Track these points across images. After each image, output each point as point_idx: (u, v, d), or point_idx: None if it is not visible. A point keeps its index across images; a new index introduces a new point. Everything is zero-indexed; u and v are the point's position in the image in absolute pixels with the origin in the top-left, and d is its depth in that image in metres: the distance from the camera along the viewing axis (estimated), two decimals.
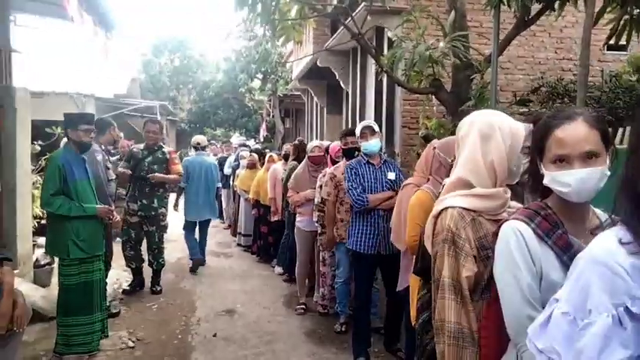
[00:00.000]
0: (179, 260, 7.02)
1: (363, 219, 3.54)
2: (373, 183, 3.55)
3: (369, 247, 3.51)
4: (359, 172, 3.57)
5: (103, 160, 4.45)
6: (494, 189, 1.44)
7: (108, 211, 3.68)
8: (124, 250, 5.25)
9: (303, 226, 4.70)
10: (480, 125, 1.47)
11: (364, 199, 3.46)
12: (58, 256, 3.55)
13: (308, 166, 4.73)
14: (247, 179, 7.59)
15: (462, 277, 1.43)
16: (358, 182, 3.53)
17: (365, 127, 3.61)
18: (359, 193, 3.48)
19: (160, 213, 5.26)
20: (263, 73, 18.96)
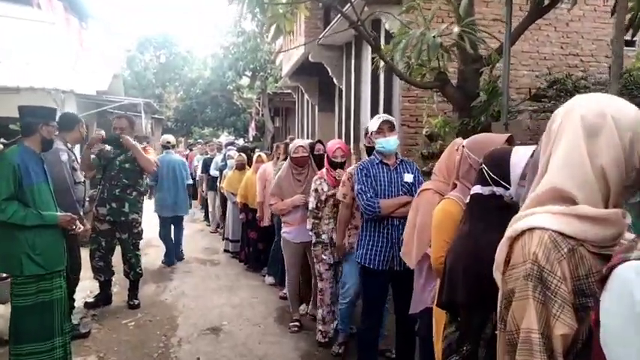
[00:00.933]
0: (161, 268, 6.48)
1: (374, 228, 3.06)
2: (387, 186, 3.06)
3: (380, 262, 3.02)
4: (370, 173, 3.08)
5: (69, 161, 3.92)
6: (609, 210, 0.97)
7: (71, 219, 3.16)
8: (92, 260, 4.70)
9: (291, 237, 4.12)
10: (583, 113, 0.99)
11: (375, 205, 2.97)
12: (9, 273, 3.01)
13: (291, 168, 4.17)
14: (235, 181, 7.07)
15: (554, 335, 0.96)
16: (369, 185, 3.04)
17: (384, 121, 3.10)
18: (369, 198, 2.98)
19: (132, 219, 4.71)
20: (252, 70, 18.42)
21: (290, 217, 4.10)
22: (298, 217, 4.01)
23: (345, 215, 3.47)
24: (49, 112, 3.19)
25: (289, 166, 4.17)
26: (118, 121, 4.69)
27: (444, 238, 2.10)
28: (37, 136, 3.08)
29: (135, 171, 4.69)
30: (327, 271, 3.77)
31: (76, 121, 4.18)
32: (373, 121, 3.17)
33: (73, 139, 4.17)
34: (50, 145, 3.20)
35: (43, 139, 3.10)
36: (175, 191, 6.69)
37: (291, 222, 4.11)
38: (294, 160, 4.12)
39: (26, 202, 2.96)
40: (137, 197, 4.76)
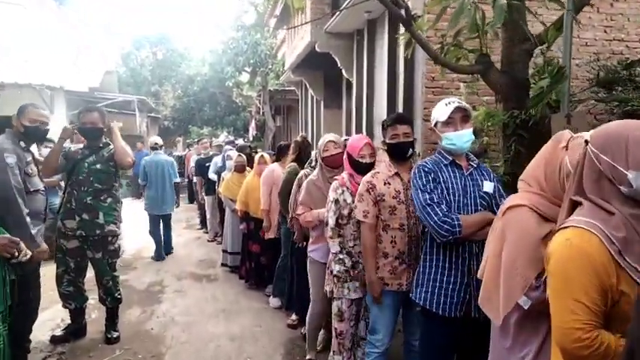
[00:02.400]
0: (149, 288, 5.63)
1: (444, 257, 2.23)
2: (461, 197, 2.23)
3: (452, 305, 2.18)
4: (439, 178, 2.25)
5: (21, 164, 3.07)
6: None
7: (8, 243, 2.29)
8: (59, 286, 3.85)
9: (319, 256, 3.26)
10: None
11: (455, 223, 2.11)
12: None
13: (324, 170, 3.30)
14: (234, 185, 6.22)
15: None
16: (440, 195, 2.21)
17: (457, 108, 2.24)
18: (445, 213, 2.14)
19: (109, 232, 3.84)
20: (252, 66, 17.56)
21: (318, 230, 3.23)
22: None
23: (371, 240, 2.61)
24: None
25: (321, 169, 3.31)
26: (88, 115, 3.81)
27: (584, 299, 1.26)
28: None
29: (109, 173, 3.84)
30: (349, 308, 2.88)
31: (24, 108, 3.28)
32: (439, 107, 2.30)
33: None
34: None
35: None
36: (163, 190, 7.15)
37: (318, 237, 3.24)
38: (324, 160, 3.26)
39: None
40: (113, 204, 3.89)
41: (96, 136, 3.84)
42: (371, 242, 2.61)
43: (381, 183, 2.61)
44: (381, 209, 2.59)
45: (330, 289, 2.86)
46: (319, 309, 3.28)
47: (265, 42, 16.94)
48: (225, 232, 6.47)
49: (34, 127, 3.27)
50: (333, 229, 2.83)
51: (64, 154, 3.80)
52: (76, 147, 3.92)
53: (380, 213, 2.60)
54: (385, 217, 2.59)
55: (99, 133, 3.84)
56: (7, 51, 12.25)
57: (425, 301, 2.24)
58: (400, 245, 2.57)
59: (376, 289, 2.59)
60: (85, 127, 3.77)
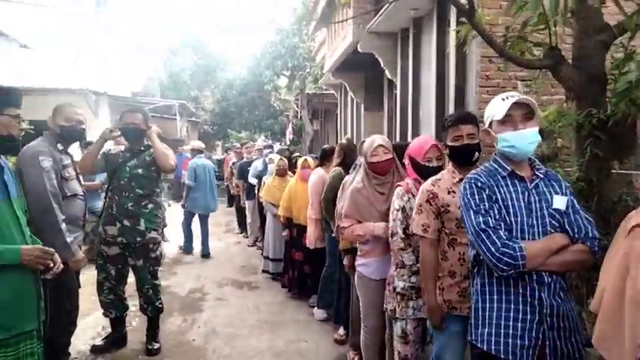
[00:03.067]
0: (190, 294, 5.49)
1: (507, 289, 1.82)
2: (525, 217, 1.81)
3: (521, 349, 1.76)
4: (496, 194, 1.85)
5: (57, 168, 2.94)
6: None
7: (41, 254, 2.14)
8: (100, 294, 3.74)
9: (369, 272, 2.91)
10: None
11: (517, 255, 1.72)
12: None
13: (370, 178, 2.94)
14: (275, 190, 6.03)
15: None
16: (497, 216, 1.81)
17: (516, 103, 1.81)
18: (504, 241, 1.74)
19: (150, 239, 3.69)
20: (290, 70, 17.48)
21: (369, 244, 2.92)
22: (381, 245, 2.84)
23: (432, 257, 2.28)
24: (3, 95, 2.17)
25: (367, 176, 2.95)
26: (131, 115, 3.69)
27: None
28: None
29: (150, 178, 3.70)
30: (415, 330, 2.55)
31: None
32: (495, 103, 1.91)
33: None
34: (12, 145, 2.21)
35: (7, 137, 2.11)
36: (207, 192, 7.63)
37: (369, 251, 2.93)
38: (372, 166, 2.89)
39: None
40: (155, 210, 3.75)
41: (137, 137, 3.70)
42: (432, 261, 2.27)
43: (443, 192, 2.27)
44: (446, 222, 2.26)
45: (392, 307, 2.57)
46: (373, 324, 2.97)
47: (304, 45, 16.83)
48: (267, 237, 6.28)
49: (70, 127, 3.14)
50: (404, 240, 2.50)
51: (104, 155, 3.69)
52: (117, 149, 3.81)
53: (444, 226, 2.27)
54: (451, 231, 2.25)
55: (141, 135, 3.70)
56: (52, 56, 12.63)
57: (486, 344, 1.82)
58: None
59: (437, 316, 2.26)
60: (127, 128, 3.64)
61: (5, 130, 2.10)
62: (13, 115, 2.13)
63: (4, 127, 2.09)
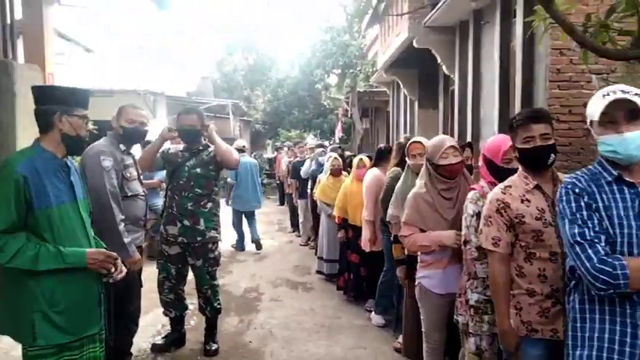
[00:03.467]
0: (245, 294, 5.49)
1: (608, 307, 1.59)
2: (634, 229, 1.57)
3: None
4: (597, 201, 1.63)
5: (118, 167, 2.95)
6: None
7: (104, 259, 2.12)
8: (161, 293, 3.76)
9: (433, 285, 2.69)
10: None
11: (617, 273, 1.50)
12: (18, 341, 2.03)
13: (435, 182, 2.68)
14: (330, 189, 5.93)
15: None
16: (598, 227, 1.59)
17: (618, 100, 1.57)
18: (602, 257, 1.53)
19: (210, 239, 3.68)
20: (341, 68, 17.32)
21: (433, 255, 2.71)
22: (447, 256, 2.64)
23: (503, 275, 2.05)
24: (74, 95, 2.16)
25: (431, 180, 2.71)
26: (186, 116, 3.66)
27: None
28: (55, 133, 2.09)
29: (209, 177, 3.68)
30: (490, 347, 2.32)
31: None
32: (594, 100, 1.66)
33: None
34: (79, 146, 2.21)
35: (64, 136, 2.10)
36: (251, 189, 7.89)
37: (433, 262, 2.71)
38: (441, 169, 2.66)
39: (40, 234, 1.98)
40: (213, 209, 3.74)
41: (194, 137, 3.69)
42: (503, 279, 2.04)
43: (516, 200, 2.03)
44: (520, 234, 2.02)
45: (465, 321, 2.37)
46: (435, 337, 2.77)
47: (355, 43, 16.62)
48: (321, 238, 6.19)
49: (133, 128, 3.15)
50: (480, 250, 2.27)
51: (163, 154, 3.71)
52: (175, 148, 3.82)
53: (518, 239, 2.03)
54: (528, 245, 2.01)
55: (197, 135, 3.69)
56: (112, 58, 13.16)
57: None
58: (553, 280, 1.97)
59: (511, 340, 2.04)
60: (183, 129, 3.64)
61: (74, 131, 2.10)
62: (81, 116, 2.13)
63: (73, 127, 2.09)
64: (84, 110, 2.15)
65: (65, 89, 2.16)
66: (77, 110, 2.11)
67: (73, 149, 2.16)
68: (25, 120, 3.29)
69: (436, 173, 2.69)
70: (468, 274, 2.35)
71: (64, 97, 2.10)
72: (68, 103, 2.09)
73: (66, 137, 2.09)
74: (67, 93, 2.12)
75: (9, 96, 3.24)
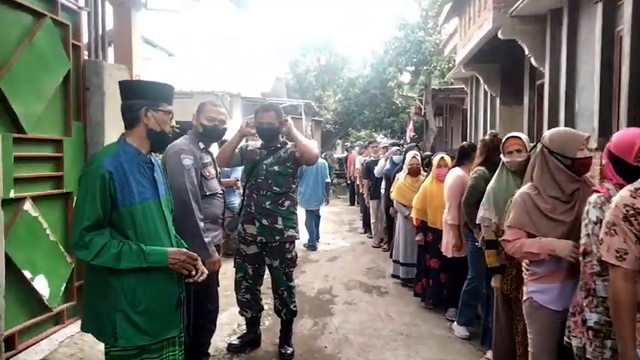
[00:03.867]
0: (319, 295, 5.37)
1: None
2: None
3: None
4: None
5: (197, 166, 2.91)
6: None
7: (185, 259, 2.05)
8: (237, 292, 3.71)
9: (548, 300, 2.33)
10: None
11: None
12: (101, 340, 2.00)
13: (557, 180, 2.31)
14: (407, 190, 5.66)
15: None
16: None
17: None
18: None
19: (288, 238, 3.57)
20: (414, 65, 16.81)
21: (546, 265, 2.35)
22: (564, 268, 2.29)
23: (628, 295, 1.73)
24: (159, 90, 2.10)
25: (549, 178, 2.35)
26: (265, 113, 3.55)
27: None
28: (140, 128, 2.05)
29: (286, 175, 3.57)
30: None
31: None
32: None
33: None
34: (164, 142, 2.15)
35: (149, 132, 2.06)
36: (312, 187, 7.93)
37: (547, 275, 2.36)
38: (578, 163, 2.30)
39: (123, 231, 1.94)
40: (291, 207, 3.63)
41: (273, 135, 3.61)
42: (629, 298, 1.72)
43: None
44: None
45: (581, 344, 2.04)
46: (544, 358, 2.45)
47: (430, 39, 16.05)
48: (397, 240, 5.93)
49: (212, 127, 3.08)
50: (602, 263, 1.91)
51: (241, 150, 3.66)
52: (253, 145, 3.76)
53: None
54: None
55: (276, 132, 3.60)
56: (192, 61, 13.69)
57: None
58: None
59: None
60: (261, 127, 3.56)
61: (159, 126, 2.05)
62: (166, 111, 2.08)
63: (158, 123, 2.05)
64: (168, 105, 2.10)
65: (151, 84, 2.13)
66: (162, 105, 2.06)
67: (157, 145, 2.11)
68: (113, 118, 3.38)
69: (565, 169, 2.31)
70: (586, 290, 2.02)
71: (150, 92, 2.06)
72: (153, 98, 2.05)
73: (151, 133, 2.05)
74: (152, 87, 2.09)
75: (99, 95, 3.33)
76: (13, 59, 2.72)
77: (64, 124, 3.23)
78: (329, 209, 13.52)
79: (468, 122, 13.37)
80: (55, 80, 3.09)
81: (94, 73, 3.44)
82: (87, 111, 3.43)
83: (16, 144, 2.76)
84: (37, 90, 2.93)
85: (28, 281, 2.77)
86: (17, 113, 2.76)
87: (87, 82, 3.44)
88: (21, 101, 2.79)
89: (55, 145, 3.11)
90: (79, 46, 3.39)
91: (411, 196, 5.44)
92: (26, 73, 2.85)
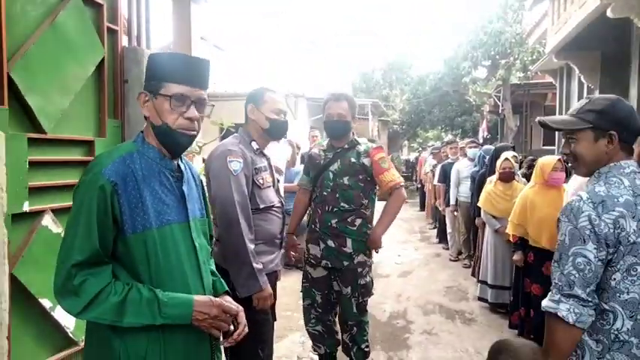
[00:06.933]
0: (392, 321, 4.61)
1: None
2: None
3: None
4: None
5: (249, 170, 2.26)
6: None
7: (220, 313, 1.39)
8: (307, 324, 3.07)
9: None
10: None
11: None
12: None
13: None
14: (498, 199, 4.75)
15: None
16: None
17: None
18: None
19: (359, 263, 2.88)
20: (491, 59, 15.50)
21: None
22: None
23: None
24: (161, 64, 1.43)
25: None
26: (335, 104, 2.86)
27: None
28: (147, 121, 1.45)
29: (358, 188, 2.87)
30: None
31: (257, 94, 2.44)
32: None
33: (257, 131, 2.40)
34: (174, 143, 1.44)
35: (152, 127, 1.43)
36: None
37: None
38: None
39: (132, 268, 1.34)
40: (364, 227, 2.92)
41: (343, 132, 2.92)
42: None
43: None
44: None
45: None
46: None
47: (509, 29, 14.70)
48: (484, 257, 5.03)
49: (281, 122, 2.42)
50: None
51: (309, 157, 3.01)
52: (318, 147, 3.10)
53: None
54: None
55: (347, 129, 2.92)
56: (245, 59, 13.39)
57: None
58: None
59: None
60: (330, 120, 2.88)
61: (159, 119, 1.42)
62: (169, 96, 1.40)
63: (157, 113, 1.41)
64: (178, 85, 1.39)
65: (151, 56, 1.49)
66: (164, 86, 1.40)
67: (169, 147, 1.44)
68: None
69: None
70: None
71: (151, 68, 1.44)
72: (154, 77, 1.42)
73: (154, 128, 1.43)
74: (152, 62, 1.46)
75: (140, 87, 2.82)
76: (28, 44, 2.28)
77: (97, 122, 2.77)
78: (398, 214, 12.67)
79: None
80: (84, 70, 2.63)
81: (134, 63, 2.97)
82: (125, 107, 2.96)
83: (33, 146, 2.31)
84: (60, 81, 2.47)
85: (48, 312, 2.31)
86: (34, 109, 2.30)
87: (125, 73, 2.98)
88: (39, 95, 2.33)
89: (84, 147, 2.66)
90: (116, 31, 2.92)
91: (503, 205, 4.57)
92: (46, 60, 2.39)
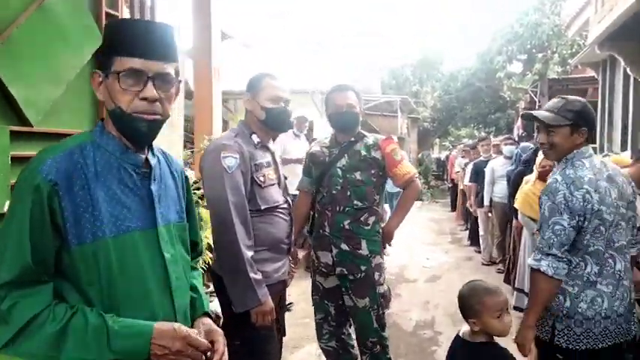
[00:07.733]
0: (417, 331, 4.27)
1: None
2: None
3: None
4: None
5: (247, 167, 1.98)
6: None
7: (184, 346, 1.09)
8: (320, 339, 2.78)
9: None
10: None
11: None
12: None
13: None
14: (537, 198, 4.33)
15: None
16: None
17: None
18: None
19: (375, 268, 2.57)
20: (527, 53, 14.79)
21: None
22: None
23: None
24: (113, 34, 1.16)
25: None
26: (340, 94, 2.58)
27: None
28: None
29: (371, 183, 2.57)
30: None
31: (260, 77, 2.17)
32: None
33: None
34: (132, 128, 1.16)
35: (116, 113, 1.16)
36: None
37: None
38: None
39: (80, 287, 1.09)
40: (376, 226, 2.63)
41: (354, 123, 2.64)
42: None
43: None
44: None
45: None
46: None
47: (547, 21, 13.96)
48: (521, 262, 4.64)
49: (279, 110, 2.13)
50: None
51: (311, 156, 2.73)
52: (319, 145, 2.80)
53: None
54: None
55: (357, 120, 2.64)
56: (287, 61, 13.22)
57: None
58: None
59: None
60: (340, 112, 2.59)
61: (111, 102, 1.14)
62: (124, 72, 1.13)
63: (110, 95, 1.15)
64: (129, 59, 1.11)
65: (108, 25, 1.25)
66: (115, 62, 1.12)
67: (129, 136, 1.17)
68: (176, 114, 2.65)
69: None
70: None
71: (105, 40, 1.18)
72: (107, 52, 1.15)
73: (110, 115, 1.17)
74: (107, 32, 1.20)
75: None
76: (11, 28, 2.08)
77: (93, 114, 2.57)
78: (427, 215, 12.25)
79: (598, 114, 11.26)
80: (79, 58, 2.42)
81: None
82: None
83: (17, 140, 2.11)
84: (50, 70, 2.28)
85: None
86: (18, 99, 2.11)
87: None
88: (23, 83, 2.14)
89: None
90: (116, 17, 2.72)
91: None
92: (33, 46, 2.20)
